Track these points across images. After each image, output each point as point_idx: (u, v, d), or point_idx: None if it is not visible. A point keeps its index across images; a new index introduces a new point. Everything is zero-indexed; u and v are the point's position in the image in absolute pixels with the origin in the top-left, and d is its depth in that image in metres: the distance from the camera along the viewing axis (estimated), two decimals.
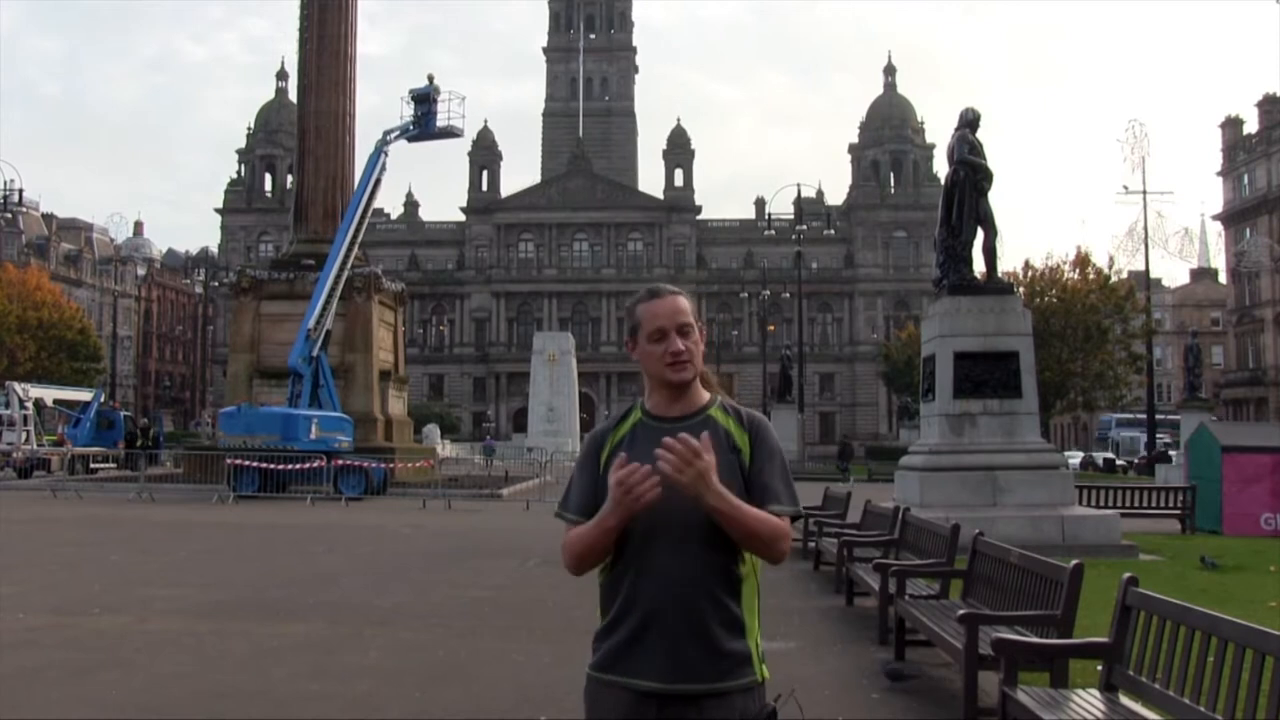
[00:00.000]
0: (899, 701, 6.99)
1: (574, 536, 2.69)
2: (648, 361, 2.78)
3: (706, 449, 2.53)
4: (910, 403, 64.89)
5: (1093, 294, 51.43)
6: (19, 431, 37.70)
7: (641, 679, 2.61)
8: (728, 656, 2.62)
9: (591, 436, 2.87)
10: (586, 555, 2.67)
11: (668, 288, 2.81)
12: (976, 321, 15.78)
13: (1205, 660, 4.56)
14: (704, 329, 2.84)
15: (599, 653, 2.71)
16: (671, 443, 2.52)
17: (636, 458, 2.61)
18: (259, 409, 28.75)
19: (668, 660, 2.59)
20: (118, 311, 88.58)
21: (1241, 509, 18.70)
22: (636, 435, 2.76)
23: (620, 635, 2.65)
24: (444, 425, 70.31)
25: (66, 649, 8.36)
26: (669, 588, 2.61)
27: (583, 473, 2.80)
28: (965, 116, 16.56)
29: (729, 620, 2.64)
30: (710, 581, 2.63)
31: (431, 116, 35.18)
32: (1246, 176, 72.74)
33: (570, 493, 2.79)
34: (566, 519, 2.75)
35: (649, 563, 2.62)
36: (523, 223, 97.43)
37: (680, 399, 2.79)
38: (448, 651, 8.42)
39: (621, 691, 2.63)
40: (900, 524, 11.31)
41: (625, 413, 2.87)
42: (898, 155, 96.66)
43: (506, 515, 23.56)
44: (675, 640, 2.59)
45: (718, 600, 2.63)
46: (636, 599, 2.63)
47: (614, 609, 2.68)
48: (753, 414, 2.81)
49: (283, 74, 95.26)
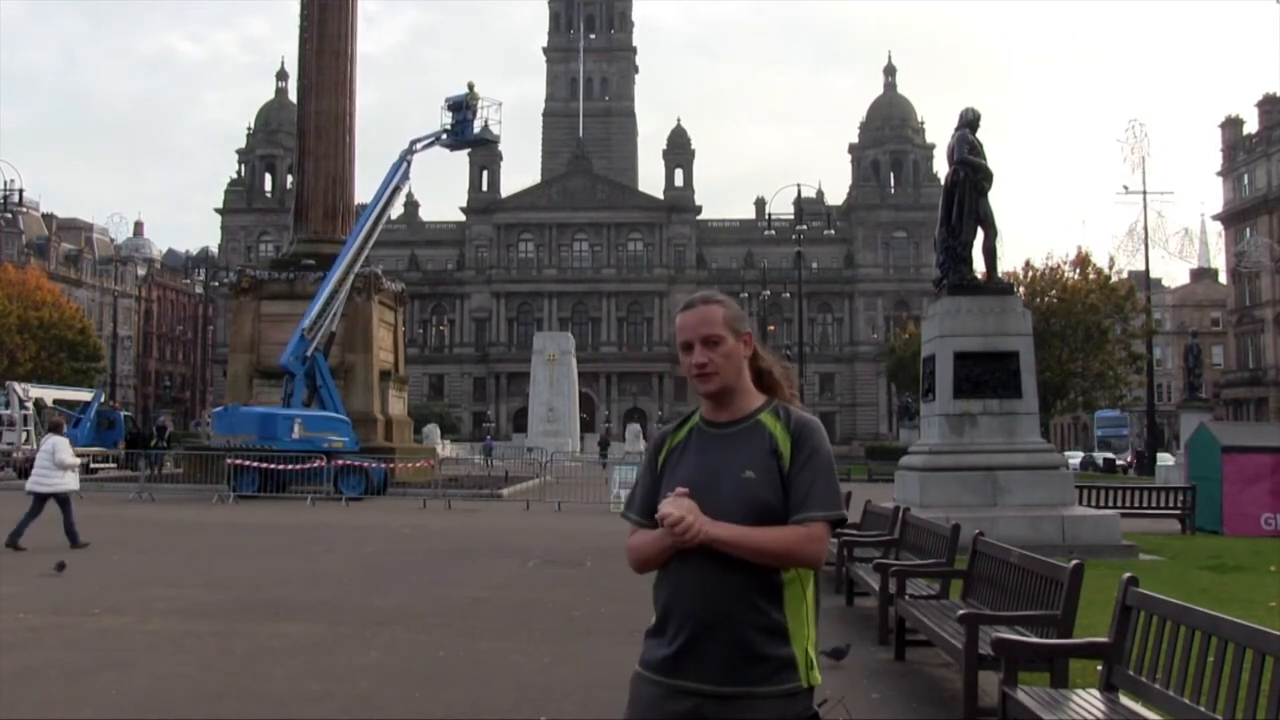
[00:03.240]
0: (899, 701, 6.99)
1: (638, 543, 2.82)
2: (685, 371, 2.88)
3: (678, 505, 2.66)
4: (910, 402, 64.87)
5: (1093, 294, 51.38)
6: (19, 431, 37.69)
7: (677, 678, 2.69)
8: (765, 661, 2.66)
9: (654, 439, 3.00)
10: (648, 563, 2.81)
11: (704, 297, 2.88)
12: (977, 321, 15.77)
13: (1205, 660, 4.56)
14: (749, 335, 2.87)
15: (645, 650, 2.81)
16: (660, 514, 2.68)
17: (690, 461, 2.81)
18: (241, 409, 28.94)
19: (701, 663, 2.67)
20: (118, 311, 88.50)
21: (1242, 509, 18.70)
22: (691, 440, 2.87)
23: (664, 636, 2.75)
24: (444, 425, 70.34)
25: (67, 649, 8.36)
26: (704, 593, 2.68)
27: (645, 476, 2.93)
28: (965, 116, 16.56)
29: (767, 626, 2.67)
30: (747, 588, 2.68)
31: (467, 124, 35.26)
32: (1246, 176, 72.74)
33: (635, 495, 2.93)
34: (631, 520, 2.89)
35: (689, 568, 2.70)
36: (523, 223, 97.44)
37: (727, 405, 2.85)
38: (448, 651, 8.42)
39: (656, 688, 2.72)
40: (900, 524, 11.31)
41: (686, 417, 2.96)
42: (898, 155, 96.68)
43: (506, 515, 23.56)
44: (708, 644, 2.67)
45: (755, 606, 2.68)
46: (676, 602, 2.73)
47: (659, 610, 2.79)
48: (801, 417, 2.83)
49: (283, 74, 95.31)
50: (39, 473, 15.45)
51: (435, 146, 35.39)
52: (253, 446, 26.82)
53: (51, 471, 15.29)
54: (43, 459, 15.53)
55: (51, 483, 15.25)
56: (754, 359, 2.90)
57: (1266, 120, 70.83)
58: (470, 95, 35.35)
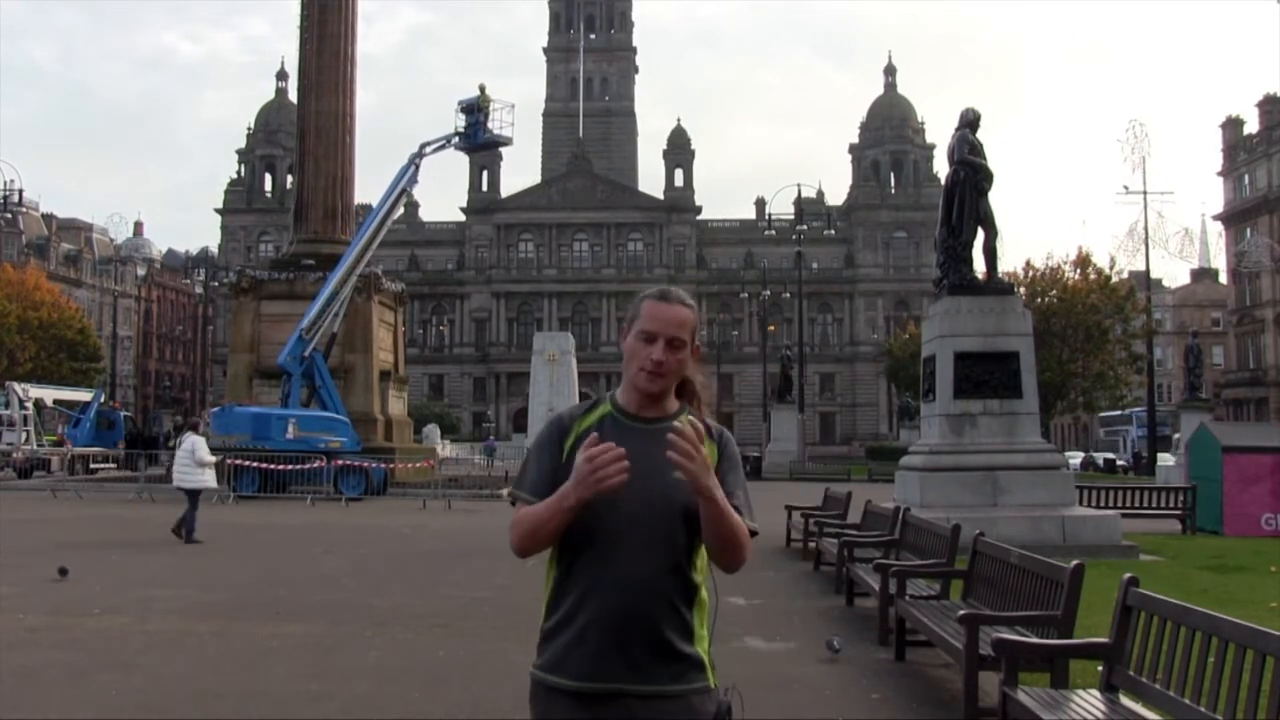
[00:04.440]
0: (899, 701, 6.99)
1: (526, 513, 2.63)
2: (630, 357, 2.72)
3: (704, 440, 2.51)
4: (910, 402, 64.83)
5: (1093, 294, 51.41)
6: (19, 431, 37.72)
7: (590, 680, 2.57)
8: (682, 660, 2.61)
9: (556, 420, 2.79)
10: (537, 534, 2.60)
11: (680, 296, 2.78)
12: (977, 322, 15.77)
13: (1206, 661, 4.56)
14: (699, 348, 2.81)
15: (546, 652, 2.65)
16: (681, 428, 2.49)
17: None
18: (236, 409, 29.01)
19: (620, 661, 2.56)
20: (118, 311, 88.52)
21: (1242, 509, 18.69)
22: (604, 428, 2.67)
23: (569, 634, 2.60)
24: (444, 425, 70.31)
25: (66, 649, 8.36)
26: (625, 590, 2.57)
27: (541, 455, 2.72)
28: (965, 117, 16.56)
29: (681, 626, 2.62)
30: (666, 586, 2.61)
31: (479, 127, 35.19)
32: (1247, 177, 72.72)
33: (526, 473, 2.72)
34: (521, 498, 2.68)
35: (606, 564, 2.58)
36: (523, 223, 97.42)
37: (655, 404, 2.75)
38: (448, 652, 8.42)
39: (572, 699, 2.59)
40: (900, 524, 11.31)
41: (593, 403, 2.80)
42: (898, 155, 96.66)
43: (506, 515, 23.36)
44: (627, 642, 2.57)
45: (673, 605, 2.61)
46: (590, 599, 2.59)
47: (564, 607, 2.63)
48: (720, 428, 2.78)
49: (283, 74, 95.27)
50: (180, 469, 17.02)
51: (446, 149, 35.36)
52: (247, 446, 26.85)
53: (192, 469, 16.81)
54: (183, 457, 17.06)
55: (193, 479, 16.75)
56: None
57: (1267, 120, 70.80)
58: (482, 98, 35.29)
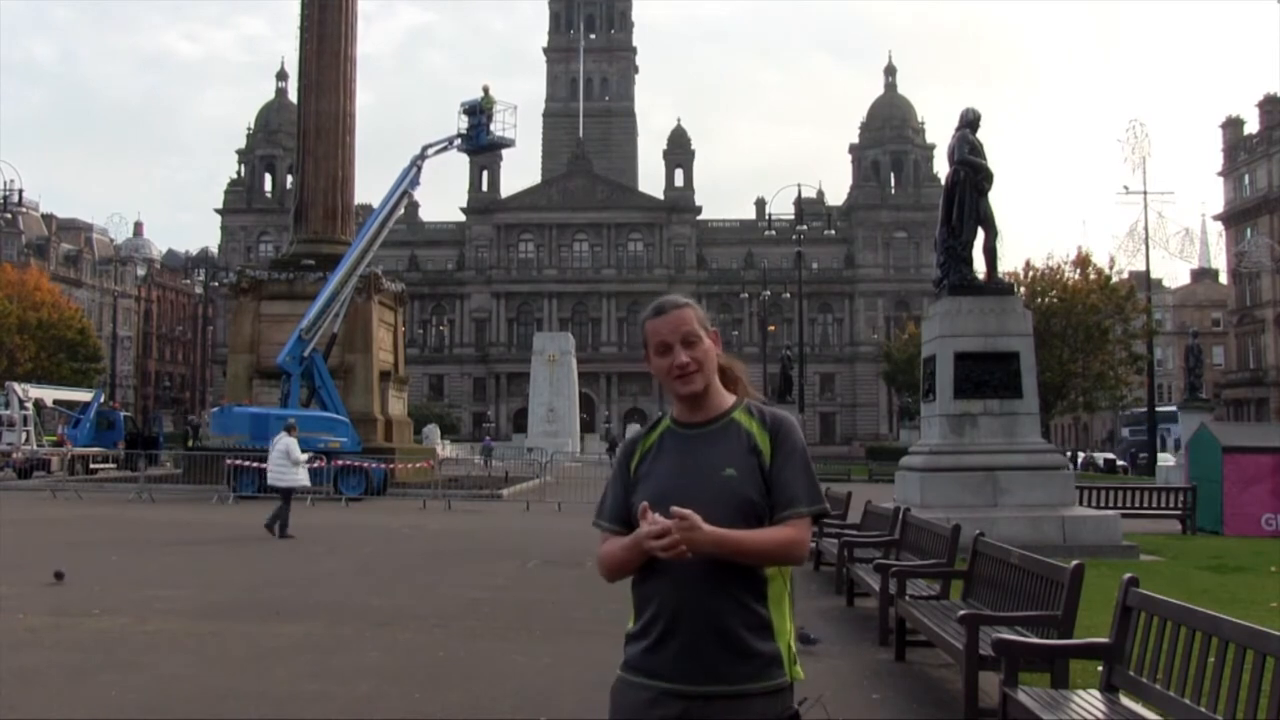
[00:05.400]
0: (899, 701, 6.99)
1: (610, 551, 2.77)
2: (658, 375, 2.83)
3: (680, 516, 2.55)
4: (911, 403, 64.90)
5: (1093, 294, 51.35)
6: (19, 432, 37.67)
7: (664, 680, 2.66)
8: (755, 658, 2.65)
9: (624, 445, 2.95)
10: (620, 570, 2.76)
11: (674, 300, 2.85)
12: (977, 322, 15.77)
13: (1206, 661, 4.55)
14: (716, 333, 2.87)
15: (628, 654, 2.76)
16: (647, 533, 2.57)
17: (667, 463, 2.78)
18: (234, 409, 29.07)
19: (690, 662, 2.64)
20: (118, 312, 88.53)
21: (1242, 509, 18.70)
22: (664, 443, 2.83)
23: (648, 638, 2.70)
24: (444, 425, 70.33)
25: (66, 649, 8.36)
26: (691, 591, 2.65)
27: (616, 482, 2.87)
28: (966, 117, 16.56)
29: (754, 622, 2.67)
30: (733, 584, 2.66)
31: (482, 129, 35.22)
32: (1247, 177, 72.72)
33: (605, 502, 2.87)
34: (602, 527, 2.84)
35: (673, 567, 2.64)
36: (523, 223, 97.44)
37: (701, 406, 2.82)
38: (448, 652, 8.41)
39: (643, 691, 2.68)
40: (901, 524, 11.30)
41: (656, 421, 2.93)
42: (898, 155, 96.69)
43: (507, 516, 23.56)
44: (697, 642, 2.64)
45: (742, 602, 2.66)
46: (662, 603, 2.68)
47: (643, 613, 2.74)
48: (776, 413, 2.83)
49: (283, 74, 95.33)
50: (275, 469, 17.85)
51: (449, 151, 35.35)
52: (245, 446, 26.84)
53: (287, 468, 17.66)
54: (277, 457, 17.88)
55: (288, 478, 17.64)
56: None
57: (1267, 120, 70.79)
58: (485, 100, 35.30)
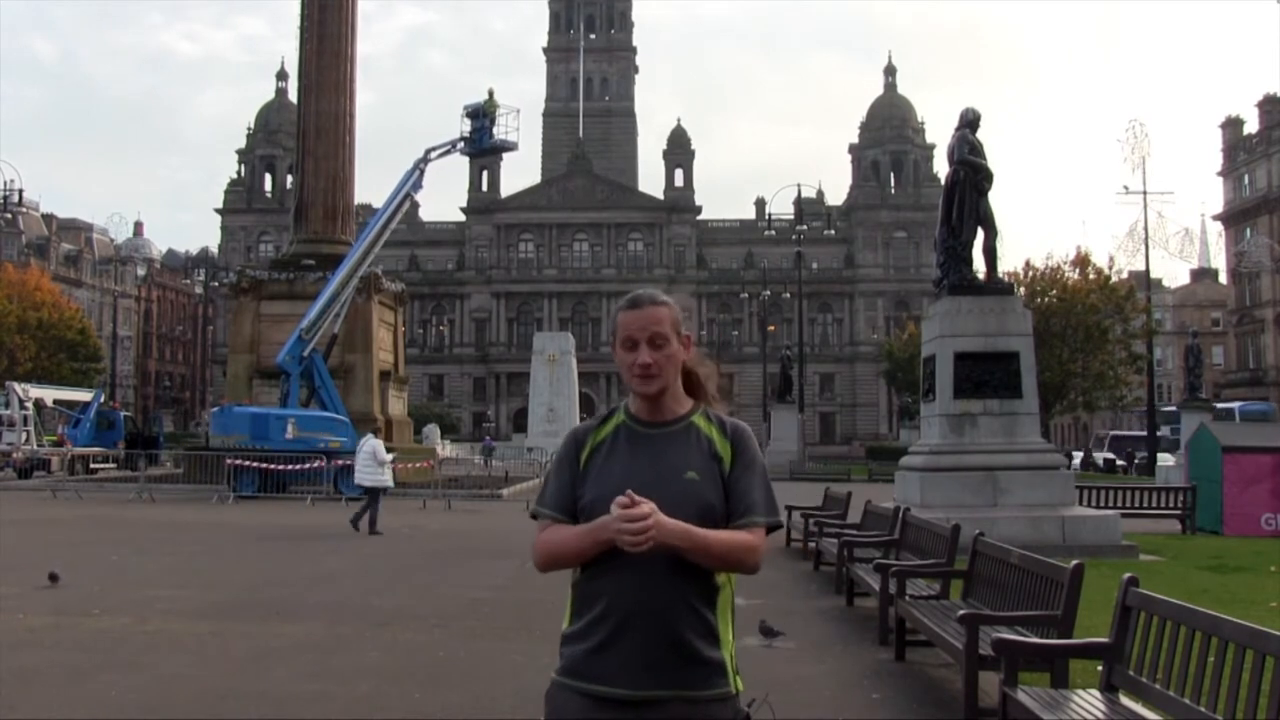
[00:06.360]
0: (899, 701, 6.99)
1: (553, 537, 2.67)
2: (621, 368, 2.76)
3: (644, 502, 2.51)
4: (910, 403, 64.87)
5: (1093, 294, 51.35)
6: (19, 432, 37.68)
7: (609, 685, 2.57)
8: (703, 665, 2.60)
9: (572, 434, 2.83)
10: (564, 558, 2.66)
11: (650, 296, 2.78)
12: (977, 322, 15.77)
13: (1206, 661, 4.56)
14: (689, 337, 2.80)
15: (566, 657, 2.66)
16: (624, 515, 2.49)
17: (623, 459, 2.68)
18: (234, 409, 29.12)
19: (640, 666, 2.57)
20: (118, 312, 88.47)
21: (1242, 509, 18.68)
22: (619, 438, 2.75)
23: (592, 640, 2.62)
24: (444, 425, 70.30)
25: (66, 649, 8.36)
26: (645, 594, 2.58)
27: (561, 471, 2.76)
28: (965, 116, 16.56)
29: (704, 629, 2.62)
30: (687, 589, 2.61)
31: (484, 132, 35.29)
32: (1247, 177, 72.69)
33: (547, 490, 2.76)
34: (543, 515, 2.72)
35: (626, 569, 2.57)
36: (523, 223, 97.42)
37: (661, 406, 2.76)
38: (448, 652, 8.42)
39: (585, 699, 2.59)
40: (900, 524, 11.30)
41: (608, 414, 2.83)
42: (898, 155, 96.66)
43: (507, 516, 23.54)
44: (648, 646, 2.57)
45: (694, 609, 2.61)
46: (612, 603, 2.60)
47: (584, 612, 2.65)
48: (735, 423, 2.79)
49: (283, 74, 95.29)
50: (362, 469, 18.78)
51: (451, 154, 35.40)
52: (245, 446, 26.87)
53: (374, 468, 18.50)
54: (364, 458, 18.77)
55: (374, 477, 18.49)
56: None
57: (1267, 120, 70.75)
58: (489, 103, 35.39)
